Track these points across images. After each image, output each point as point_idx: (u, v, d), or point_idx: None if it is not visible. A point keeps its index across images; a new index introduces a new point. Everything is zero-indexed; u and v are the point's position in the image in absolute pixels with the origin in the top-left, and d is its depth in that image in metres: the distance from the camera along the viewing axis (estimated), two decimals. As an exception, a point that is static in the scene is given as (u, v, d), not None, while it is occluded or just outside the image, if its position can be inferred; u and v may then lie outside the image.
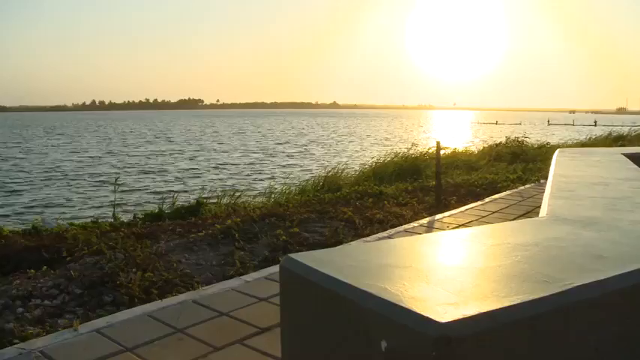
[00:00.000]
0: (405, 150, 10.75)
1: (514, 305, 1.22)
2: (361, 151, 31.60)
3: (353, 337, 1.32)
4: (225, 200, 6.93)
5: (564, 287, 1.33)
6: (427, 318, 1.13)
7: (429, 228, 4.69)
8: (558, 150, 6.12)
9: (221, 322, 2.85)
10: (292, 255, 1.60)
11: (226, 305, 3.04)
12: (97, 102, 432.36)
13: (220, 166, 24.91)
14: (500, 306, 1.21)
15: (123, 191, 14.56)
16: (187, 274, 3.64)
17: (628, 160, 4.85)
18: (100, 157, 30.26)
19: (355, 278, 1.36)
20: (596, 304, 1.38)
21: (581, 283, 1.37)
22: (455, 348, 1.09)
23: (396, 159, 9.94)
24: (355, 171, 9.63)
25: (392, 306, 1.21)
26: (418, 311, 1.16)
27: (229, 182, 17.04)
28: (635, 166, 4.27)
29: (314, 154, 31.00)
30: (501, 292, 1.30)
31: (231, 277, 3.61)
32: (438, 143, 6.18)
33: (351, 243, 4.32)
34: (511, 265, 1.52)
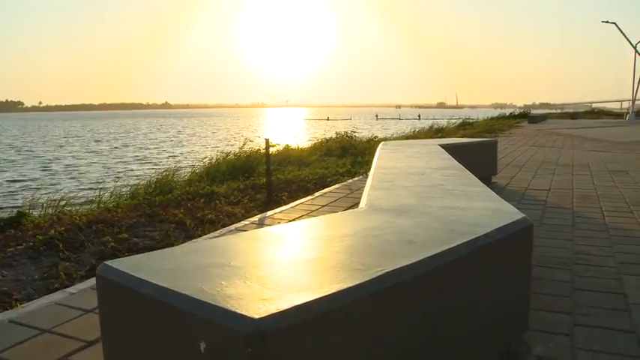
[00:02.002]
0: (238, 148, 10.74)
1: (328, 295, 1.25)
2: (195, 152, 31.16)
3: (173, 341, 1.30)
4: (50, 209, 6.51)
5: (377, 274, 1.40)
6: (241, 315, 1.14)
7: (260, 225, 4.72)
8: (382, 143, 6.41)
9: (43, 339, 2.67)
10: (108, 262, 1.54)
11: (49, 321, 2.86)
12: None
13: (46, 174, 23.42)
14: (315, 297, 1.24)
15: None
16: (5, 292, 3.38)
17: (443, 150, 5.20)
18: None
19: (172, 281, 1.34)
20: (407, 287, 1.46)
21: (392, 269, 1.44)
22: (269, 343, 1.11)
23: (228, 158, 9.90)
24: (188, 172, 9.47)
25: (208, 306, 1.20)
26: (233, 309, 1.16)
27: (58, 189, 16.04)
28: (449, 156, 4.58)
29: (147, 157, 30.12)
30: (317, 283, 1.34)
31: (56, 290, 3.40)
32: (267, 141, 6.26)
33: (182, 245, 4.24)
34: (329, 257, 1.56)
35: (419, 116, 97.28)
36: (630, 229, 4.50)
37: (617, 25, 41.65)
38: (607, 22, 42.40)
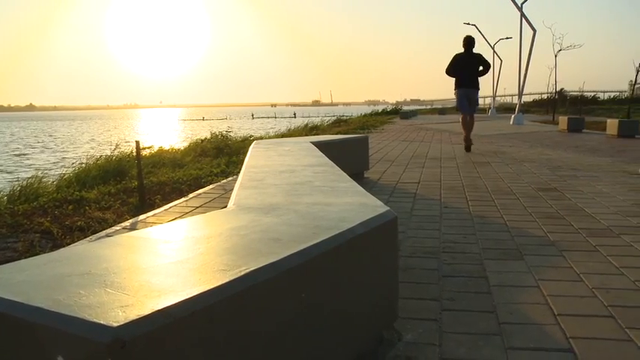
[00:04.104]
0: (109, 152, 10.39)
1: (190, 298, 1.24)
2: (64, 157, 29.80)
3: (29, 359, 1.24)
4: None
5: (240, 273, 1.40)
6: (100, 324, 1.10)
7: (132, 229, 4.59)
8: (254, 142, 6.42)
9: None
10: (-47, 279, 1.44)
11: None
12: None
13: None
14: (177, 301, 1.22)
15: None
16: None
17: (315, 147, 5.27)
18: None
19: (25, 294, 1.27)
20: (272, 285, 1.47)
21: (256, 267, 1.45)
22: (129, 350, 1.08)
23: (99, 162, 9.55)
24: (56, 178, 9.03)
25: (65, 318, 1.15)
26: (91, 319, 1.12)
27: None
28: (320, 153, 4.65)
29: (11, 165, 28.47)
30: (180, 287, 1.32)
31: None
32: (137, 143, 6.10)
33: (40, 255, 4.04)
34: (193, 259, 1.55)
35: (294, 114, 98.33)
36: (492, 216, 4.77)
37: (477, 27, 44.19)
38: (468, 23, 44.98)
